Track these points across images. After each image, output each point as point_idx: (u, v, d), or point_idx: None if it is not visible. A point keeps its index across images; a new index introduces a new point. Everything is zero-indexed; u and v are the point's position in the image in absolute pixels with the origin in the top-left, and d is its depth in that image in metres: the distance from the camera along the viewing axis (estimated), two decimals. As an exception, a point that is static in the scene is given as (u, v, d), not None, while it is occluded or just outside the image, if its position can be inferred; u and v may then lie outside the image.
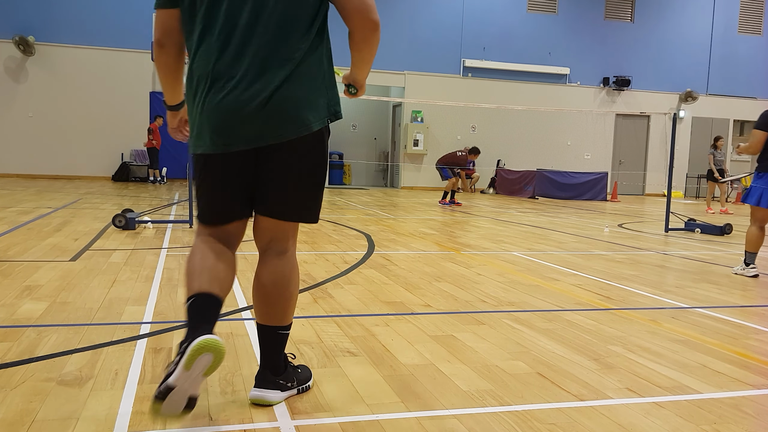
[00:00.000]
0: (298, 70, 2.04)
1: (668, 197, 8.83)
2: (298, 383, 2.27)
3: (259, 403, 2.16)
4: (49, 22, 16.42)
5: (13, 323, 3.04)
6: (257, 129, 1.99)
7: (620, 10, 20.83)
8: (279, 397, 2.19)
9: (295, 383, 2.26)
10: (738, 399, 2.39)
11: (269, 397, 2.16)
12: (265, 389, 2.17)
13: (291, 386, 2.24)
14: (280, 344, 2.21)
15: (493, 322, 3.39)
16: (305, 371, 2.36)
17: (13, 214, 7.85)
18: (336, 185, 19.28)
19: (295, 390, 2.26)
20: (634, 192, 21.34)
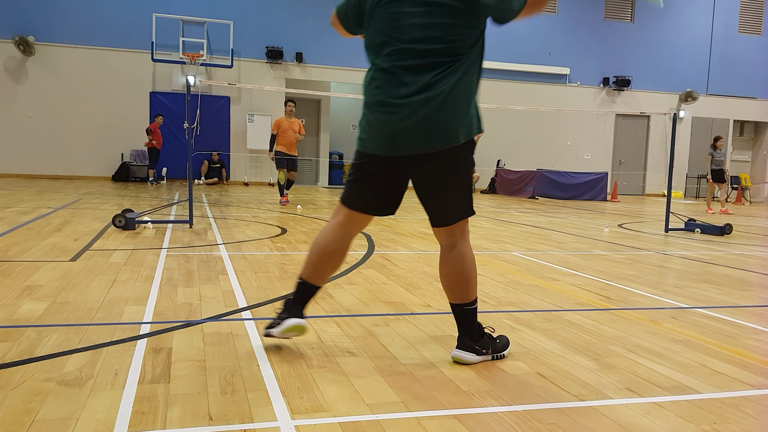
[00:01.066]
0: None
1: (668, 197, 8.83)
2: (493, 351, 2.71)
3: (457, 361, 2.65)
4: (49, 22, 16.42)
5: (13, 323, 3.04)
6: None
7: (620, 10, 20.84)
8: (474, 359, 2.66)
9: (490, 351, 2.70)
10: (738, 399, 2.39)
11: (466, 357, 2.64)
12: (463, 351, 2.65)
13: (486, 352, 2.69)
14: (469, 317, 2.66)
15: (493, 322, 3.39)
16: (503, 341, 2.78)
17: (13, 214, 7.85)
18: (336, 185, 19.28)
19: (490, 356, 2.70)
20: (634, 192, 21.34)
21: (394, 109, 2.44)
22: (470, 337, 2.66)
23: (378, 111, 2.50)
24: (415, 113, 2.41)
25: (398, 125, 2.44)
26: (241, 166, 18.03)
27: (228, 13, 17.34)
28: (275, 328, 2.69)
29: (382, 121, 2.48)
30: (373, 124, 2.52)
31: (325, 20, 18.05)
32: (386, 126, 2.47)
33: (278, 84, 17.86)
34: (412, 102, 2.41)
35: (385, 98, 2.46)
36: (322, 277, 2.72)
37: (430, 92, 2.40)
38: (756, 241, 8.08)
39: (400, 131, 2.44)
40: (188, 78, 9.57)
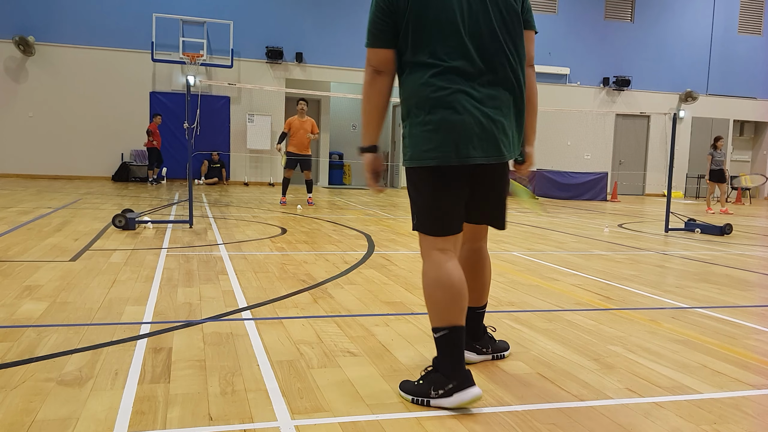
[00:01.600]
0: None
1: (668, 197, 8.83)
2: (493, 351, 2.73)
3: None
4: (49, 22, 16.42)
5: (13, 323, 3.04)
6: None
7: (620, 10, 20.83)
8: (476, 358, 2.66)
9: (490, 350, 2.72)
10: (738, 399, 2.39)
11: (468, 357, 2.58)
12: (465, 350, 2.42)
13: (486, 351, 2.70)
14: (482, 318, 2.67)
15: (493, 322, 3.39)
16: (502, 343, 2.80)
17: (13, 214, 7.85)
18: (336, 185, 19.28)
19: (490, 356, 2.72)
20: (634, 192, 21.34)
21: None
22: (473, 337, 2.67)
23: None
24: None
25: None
26: (241, 166, 18.02)
27: (228, 13, 17.34)
28: (436, 399, 2.20)
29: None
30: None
31: (325, 20, 18.12)
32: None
33: (278, 84, 17.85)
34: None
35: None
36: (462, 314, 2.28)
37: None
38: (756, 241, 8.08)
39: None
40: (188, 78, 9.58)
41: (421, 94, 2.26)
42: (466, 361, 2.29)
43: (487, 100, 2.27)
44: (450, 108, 2.23)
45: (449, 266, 2.29)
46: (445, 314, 2.23)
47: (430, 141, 2.25)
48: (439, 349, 2.25)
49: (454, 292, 2.24)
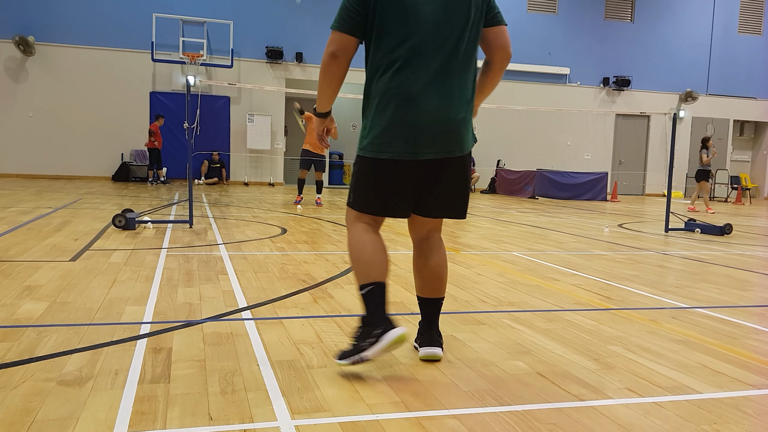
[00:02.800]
0: (470, 104, 2.57)
1: (668, 197, 8.83)
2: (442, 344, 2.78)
3: (429, 359, 2.67)
4: (49, 22, 16.42)
5: (13, 323, 3.04)
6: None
7: (620, 10, 20.84)
8: (441, 354, 2.71)
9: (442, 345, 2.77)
10: (738, 399, 2.39)
11: (439, 353, 2.68)
12: (434, 347, 2.68)
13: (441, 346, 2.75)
14: (439, 311, 2.75)
15: (493, 322, 3.39)
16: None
17: (13, 214, 7.85)
18: (336, 185, 19.28)
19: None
20: (634, 192, 21.34)
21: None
22: (437, 333, 2.75)
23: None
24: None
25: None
26: (241, 166, 18.03)
27: (228, 13, 17.34)
28: (369, 349, 2.39)
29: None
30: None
31: (325, 20, 18.09)
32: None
33: (278, 84, 17.86)
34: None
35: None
36: (382, 272, 2.52)
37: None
38: (756, 241, 8.08)
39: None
40: (188, 78, 9.57)
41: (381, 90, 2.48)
42: (433, 357, 2.66)
43: (438, 97, 2.44)
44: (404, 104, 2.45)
45: (371, 233, 2.61)
46: (368, 271, 2.50)
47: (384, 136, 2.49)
48: (366, 304, 2.48)
49: (373, 254, 2.53)
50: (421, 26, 2.42)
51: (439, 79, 2.45)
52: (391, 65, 2.45)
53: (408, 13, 2.41)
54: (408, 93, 2.43)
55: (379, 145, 2.48)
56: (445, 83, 2.46)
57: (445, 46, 2.45)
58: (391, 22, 2.43)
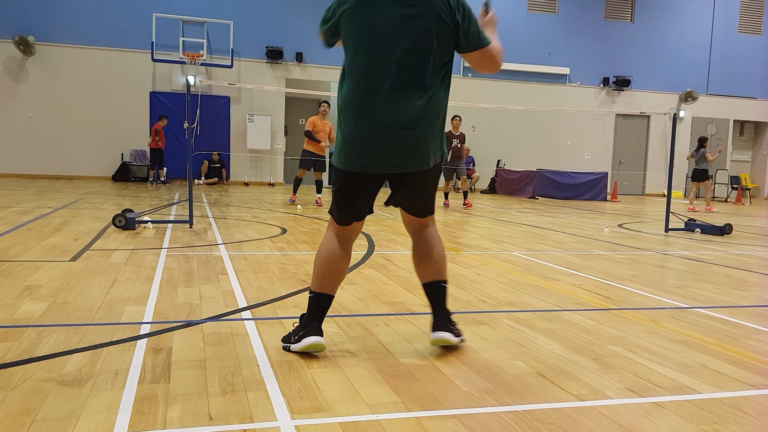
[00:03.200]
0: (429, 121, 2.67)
1: (668, 197, 8.83)
2: (460, 333, 2.86)
3: (440, 343, 2.78)
4: (49, 22, 16.42)
5: (13, 323, 3.04)
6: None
7: (620, 10, 20.84)
8: (455, 340, 2.79)
9: (460, 334, 2.86)
10: (738, 399, 2.39)
11: (449, 337, 2.76)
12: (444, 331, 2.76)
13: (459, 336, 2.84)
14: (445, 295, 2.84)
15: (493, 322, 3.39)
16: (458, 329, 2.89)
17: (13, 214, 7.85)
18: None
19: (459, 339, 2.84)
20: (634, 192, 21.34)
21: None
22: (446, 318, 2.82)
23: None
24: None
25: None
26: (241, 166, 18.02)
27: (228, 13, 17.34)
28: (294, 344, 2.71)
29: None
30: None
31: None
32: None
33: (278, 84, 17.86)
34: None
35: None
36: (333, 286, 2.79)
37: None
38: (756, 241, 8.08)
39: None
40: (188, 78, 9.57)
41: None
42: (442, 342, 2.78)
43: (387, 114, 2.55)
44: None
45: (339, 246, 2.77)
46: (319, 282, 2.75)
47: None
48: (308, 307, 2.76)
49: (330, 268, 2.74)
50: (375, 43, 2.53)
51: (391, 97, 2.54)
52: (349, 78, 2.61)
53: (364, 30, 2.54)
54: (360, 108, 2.58)
55: (339, 157, 2.67)
56: (398, 100, 2.55)
57: (400, 64, 2.53)
58: (350, 36, 2.60)
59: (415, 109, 2.55)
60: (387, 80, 2.53)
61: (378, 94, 2.54)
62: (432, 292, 2.86)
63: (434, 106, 2.61)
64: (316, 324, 2.70)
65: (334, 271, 2.76)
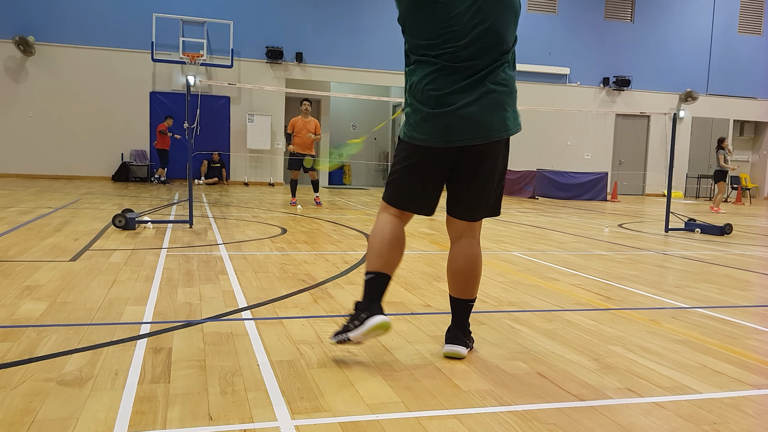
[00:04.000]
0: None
1: (668, 197, 8.83)
2: (471, 342, 2.90)
3: (452, 356, 2.76)
4: (49, 22, 16.42)
5: (13, 323, 3.04)
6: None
7: (620, 10, 20.83)
8: (465, 352, 2.80)
9: (471, 343, 2.90)
10: (738, 399, 2.39)
11: (461, 351, 2.77)
12: (457, 345, 2.77)
13: (470, 346, 2.87)
14: (468, 313, 2.85)
15: (493, 322, 3.39)
16: (471, 338, 2.92)
17: (13, 214, 7.85)
18: (336, 185, 19.28)
19: (469, 349, 2.86)
20: (634, 192, 21.34)
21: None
22: (463, 332, 2.82)
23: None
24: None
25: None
26: (241, 166, 18.02)
27: (228, 13, 17.34)
28: (353, 331, 2.56)
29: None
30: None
31: (325, 20, 18.13)
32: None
33: (278, 84, 17.86)
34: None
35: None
36: (392, 266, 2.68)
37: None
38: (756, 241, 8.08)
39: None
40: (188, 78, 9.57)
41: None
42: (454, 355, 2.76)
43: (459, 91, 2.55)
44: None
45: (392, 224, 2.71)
46: (375, 261, 2.65)
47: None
48: (364, 289, 2.65)
49: (384, 244, 2.65)
50: (447, 27, 2.54)
51: (464, 76, 2.56)
52: (420, 63, 2.64)
53: (436, 16, 2.54)
54: (436, 90, 2.57)
55: (411, 131, 2.67)
56: (470, 79, 2.56)
57: (471, 45, 2.55)
58: (422, 21, 2.59)
59: (486, 87, 2.57)
60: (459, 61, 2.54)
61: (452, 74, 2.55)
62: (457, 307, 2.83)
63: (505, 83, 2.66)
64: (377, 305, 2.60)
65: (396, 248, 2.68)
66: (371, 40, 18.35)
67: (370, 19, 18.32)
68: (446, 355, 2.77)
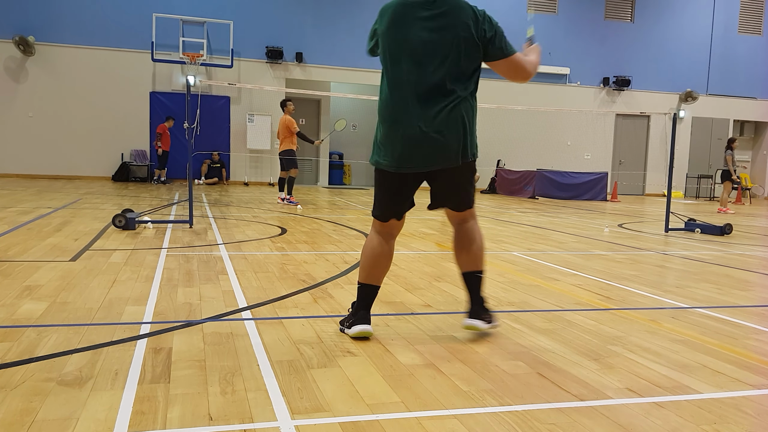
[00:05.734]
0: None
1: (668, 197, 8.83)
2: (491, 320, 3.10)
3: (470, 329, 3.04)
4: (49, 22, 16.41)
5: (13, 323, 3.04)
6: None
7: (620, 10, 20.83)
8: (485, 327, 3.03)
9: (492, 320, 3.09)
10: (738, 399, 2.39)
11: (480, 325, 3.02)
12: (477, 319, 3.02)
13: (491, 322, 3.08)
14: (480, 284, 3.09)
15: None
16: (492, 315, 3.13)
17: (13, 214, 7.85)
18: (336, 185, 19.28)
19: (490, 326, 3.08)
20: (634, 192, 21.34)
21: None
22: (480, 305, 3.04)
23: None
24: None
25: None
26: (241, 166, 18.02)
27: (228, 13, 17.33)
28: (348, 329, 3.01)
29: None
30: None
31: (325, 20, 18.12)
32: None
33: (278, 84, 17.85)
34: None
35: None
36: (378, 278, 3.04)
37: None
38: (756, 241, 8.08)
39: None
40: (188, 78, 9.57)
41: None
42: (473, 328, 3.03)
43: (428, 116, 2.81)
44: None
45: (376, 241, 3.02)
46: (365, 274, 3.01)
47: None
48: (357, 295, 3.03)
49: (373, 261, 3.00)
50: (409, 56, 2.80)
51: (423, 104, 2.80)
52: (387, 87, 2.88)
53: (398, 46, 2.82)
54: (395, 115, 2.83)
55: (377, 157, 2.95)
56: (430, 108, 2.80)
57: (431, 74, 2.79)
58: (386, 51, 2.87)
59: (444, 115, 2.80)
60: (419, 89, 2.79)
61: (412, 102, 2.80)
62: (469, 281, 3.09)
63: (464, 111, 2.85)
64: (364, 312, 2.99)
65: (378, 265, 3.00)
66: (371, 40, 18.34)
67: (370, 19, 18.15)
68: (466, 328, 3.05)
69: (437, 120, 2.79)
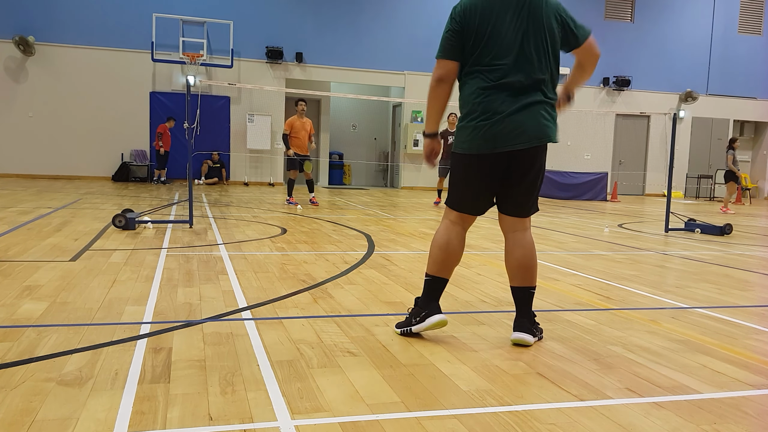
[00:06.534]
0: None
1: (668, 197, 8.83)
2: (539, 333, 3.07)
3: (519, 343, 2.95)
4: (49, 22, 16.41)
5: (13, 323, 3.04)
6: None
7: (620, 10, 20.83)
8: (532, 340, 2.97)
9: (539, 334, 3.07)
10: (738, 399, 2.39)
11: (528, 338, 2.96)
12: (524, 333, 2.96)
13: (537, 335, 3.03)
14: (530, 300, 3.02)
15: (493, 322, 3.39)
16: (539, 328, 3.10)
17: (13, 214, 7.85)
18: (336, 185, 19.28)
19: (537, 338, 3.03)
20: (634, 192, 21.33)
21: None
22: (529, 320, 2.99)
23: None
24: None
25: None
26: (241, 166, 18.02)
27: (228, 13, 17.33)
28: (417, 324, 3.00)
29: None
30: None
31: (325, 20, 18.13)
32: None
33: (278, 84, 17.85)
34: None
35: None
36: (449, 271, 3.03)
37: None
38: (756, 241, 8.08)
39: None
40: (188, 78, 9.57)
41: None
42: (521, 342, 2.95)
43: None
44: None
45: (449, 232, 3.01)
46: (434, 266, 3.01)
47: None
48: (424, 289, 3.04)
49: (443, 253, 2.99)
50: (498, 47, 2.87)
51: (513, 92, 2.87)
52: (475, 78, 2.91)
53: (489, 38, 2.87)
54: (486, 104, 2.87)
55: (465, 144, 2.94)
56: (518, 95, 2.87)
57: (519, 64, 2.88)
58: (476, 43, 2.89)
59: (532, 100, 2.87)
60: (509, 78, 2.84)
61: (501, 90, 2.84)
62: (519, 296, 3.02)
63: (549, 97, 2.96)
64: (435, 304, 3.01)
65: (450, 258, 3.00)
66: (371, 40, 18.35)
67: (370, 19, 18.33)
68: (514, 342, 2.97)
69: (529, 102, 2.91)
